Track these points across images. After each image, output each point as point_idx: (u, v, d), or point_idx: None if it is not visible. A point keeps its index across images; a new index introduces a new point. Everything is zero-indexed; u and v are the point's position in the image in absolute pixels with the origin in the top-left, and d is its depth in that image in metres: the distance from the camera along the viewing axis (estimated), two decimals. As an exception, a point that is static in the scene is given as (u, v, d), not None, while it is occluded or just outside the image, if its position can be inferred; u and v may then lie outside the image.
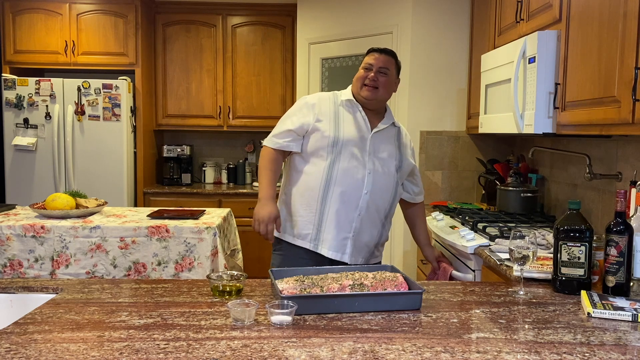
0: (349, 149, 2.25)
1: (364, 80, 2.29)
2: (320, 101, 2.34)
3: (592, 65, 2.03)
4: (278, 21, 5.05)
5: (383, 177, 2.30)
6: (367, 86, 2.29)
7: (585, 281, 1.69)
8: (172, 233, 2.96)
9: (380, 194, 2.29)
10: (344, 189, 2.23)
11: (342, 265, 2.17)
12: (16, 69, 4.76)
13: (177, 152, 5.12)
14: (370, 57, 2.34)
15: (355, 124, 2.30)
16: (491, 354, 1.23)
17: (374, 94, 2.29)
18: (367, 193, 2.25)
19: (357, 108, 2.32)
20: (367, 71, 2.30)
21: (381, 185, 2.29)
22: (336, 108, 2.32)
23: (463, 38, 3.81)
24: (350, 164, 2.24)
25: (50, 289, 1.70)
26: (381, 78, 2.29)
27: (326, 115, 2.29)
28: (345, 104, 2.33)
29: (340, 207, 2.24)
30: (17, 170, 4.59)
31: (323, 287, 1.54)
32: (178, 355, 1.19)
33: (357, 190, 2.24)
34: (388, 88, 2.33)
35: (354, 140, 2.26)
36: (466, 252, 2.51)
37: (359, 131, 2.29)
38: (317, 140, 2.26)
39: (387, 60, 2.33)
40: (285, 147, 2.30)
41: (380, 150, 2.31)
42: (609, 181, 2.49)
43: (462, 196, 3.90)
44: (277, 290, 1.52)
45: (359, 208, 2.25)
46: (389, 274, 1.61)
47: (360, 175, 2.25)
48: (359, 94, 2.31)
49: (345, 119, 2.30)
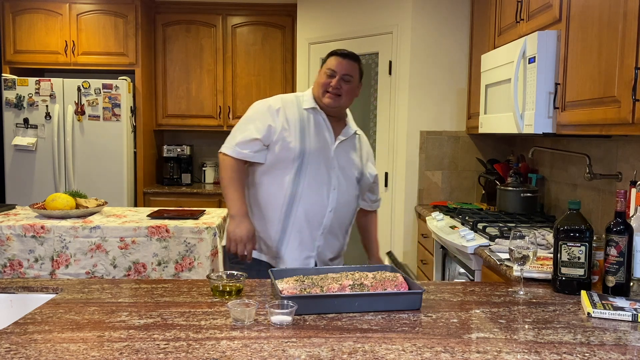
0: (314, 162, 2.12)
1: (326, 87, 2.16)
2: (285, 105, 2.18)
3: (592, 65, 2.03)
4: (278, 21, 5.05)
5: (347, 192, 2.20)
6: (329, 93, 2.16)
7: (585, 281, 1.69)
8: (172, 233, 2.96)
9: (344, 209, 2.20)
10: (309, 207, 2.12)
11: (342, 266, 2.16)
12: (16, 69, 4.76)
13: (177, 152, 5.12)
14: (333, 61, 2.19)
15: (320, 135, 2.17)
16: (491, 354, 1.23)
17: (336, 102, 2.16)
18: (331, 211, 2.15)
19: (322, 116, 2.20)
20: (329, 78, 2.17)
21: (345, 200, 2.19)
22: (301, 114, 2.18)
23: (463, 38, 3.81)
24: (316, 180, 2.12)
25: (50, 289, 1.70)
26: (344, 86, 2.17)
27: (292, 123, 2.14)
28: (309, 111, 2.20)
29: (303, 226, 2.12)
30: (17, 170, 4.59)
31: (323, 287, 1.54)
32: (178, 355, 1.19)
33: (322, 208, 2.13)
34: (351, 95, 2.20)
35: (319, 153, 2.14)
36: (466, 252, 2.51)
37: (324, 143, 2.16)
38: (280, 151, 2.12)
39: (351, 66, 2.19)
40: (250, 158, 2.14)
41: (344, 162, 2.21)
42: (609, 181, 2.49)
43: (462, 196, 3.90)
44: (277, 290, 1.52)
45: (322, 226, 2.15)
46: (389, 274, 1.61)
47: (325, 192, 2.14)
48: (321, 100, 2.18)
49: (311, 128, 2.16)
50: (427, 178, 3.86)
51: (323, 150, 2.16)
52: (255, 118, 2.16)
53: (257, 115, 2.18)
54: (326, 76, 2.18)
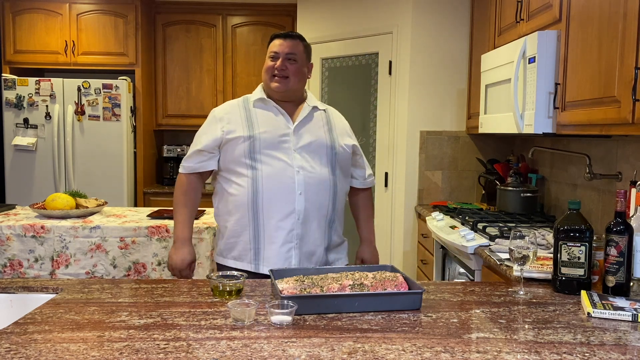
0: (269, 150, 2.06)
1: (272, 71, 2.11)
2: (228, 110, 2.16)
3: (592, 65, 2.03)
4: (278, 21, 5.05)
5: (316, 171, 2.09)
6: (275, 77, 2.11)
7: (585, 281, 1.69)
8: (172, 233, 2.95)
9: (317, 190, 2.08)
10: (274, 196, 2.04)
11: (343, 266, 2.15)
12: (16, 69, 4.76)
13: (177, 152, 5.12)
14: (274, 44, 2.14)
15: (272, 123, 2.10)
16: (491, 354, 1.23)
17: (284, 84, 2.10)
18: (301, 193, 2.05)
19: (272, 104, 2.14)
20: (273, 60, 2.12)
21: (315, 180, 2.08)
22: (247, 112, 2.13)
23: (463, 38, 3.81)
24: (275, 167, 2.05)
25: (50, 289, 1.70)
26: (290, 66, 2.10)
27: (237, 123, 2.10)
28: (257, 105, 2.15)
29: (275, 216, 2.04)
30: (17, 170, 4.59)
31: (323, 287, 1.54)
32: (178, 355, 1.19)
33: (289, 193, 2.04)
34: (299, 75, 2.13)
35: (273, 139, 2.07)
36: (466, 252, 2.51)
37: (277, 128, 2.09)
38: (232, 150, 2.07)
39: (294, 44, 2.13)
40: (199, 169, 2.14)
41: (307, 141, 2.11)
42: (609, 181, 2.49)
43: (462, 196, 3.90)
44: (277, 290, 1.52)
45: (296, 212, 2.05)
46: (389, 274, 1.61)
47: (289, 176, 2.05)
48: (269, 87, 2.13)
49: (260, 119, 2.11)
50: (427, 178, 3.86)
51: (278, 135, 2.08)
52: (202, 132, 2.18)
53: (203, 128, 2.19)
54: (270, 60, 2.13)
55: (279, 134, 2.09)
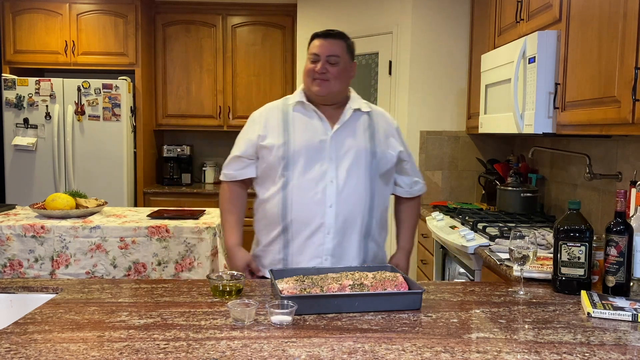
0: (302, 160, 1.94)
1: (312, 74, 1.97)
2: (265, 113, 2.06)
3: (592, 65, 2.03)
4: (278, 21, 5.05)
5: (352, 182, 1.96)
6: (316, 80, 1.97)
7: (585, 281, 1.69)
8: (172, 233, 2.96)
9: (352, 202, 1.95)
10: (303, 209, 1.93)
11: (342, 266, 2.13)
12: (16, 69, 4.76)
13: (177, 152, 5.12)
14: (314, 45, 1.99)
15: (310, 128, 1.98)
16: (491, 354, 1.23)
17: (325, 88, 1.97)
18: (331, 206, 1.93)
19: (311, 108, 2.00)
20: (314, 62, 1.98)
21: (350, 191, 1.95)
22: (285, 115, 2.02)
23: (463, 38, 3.81)
24: (306, 178, 1.93)
25: (50, 289, 1.70)
26: (331, 68, 1.96)
27: (273, 128, 2.00)
28: (296, 108, 2.02)
29: (304, 231, 1.94)
30: (17, 170, 4.59)
31: (323, 287, 1.54)
32: (178, 355, 1.19)
33: (319, 206, 1.92)
34: (342, 77, 1.99)
35: (308, 147, 1.95)
36: (466, 252, 2.51)
37: (314, 135, 1.97)
38: (266, 158, 1.99)
39: (335, 45, 1.98)
40: (239, 177, 2.07)
41: (346, 148, 1.98)
42: (609, 181, 2.49)
43: (462, 196, 3.90)
44: (277, 290, 1.52)
45: (326, 227, 1.93)
46: (389, 274, 1.61)
47: (320, 188, 1.93)
48: (310, 90, 2.00)
49: (297, 125, 1.99)
50: (427, 178, 3.85)
51: (314, 143, 1.96)
52: (240, 137, 2.12)
53: (241, 133, 2.12)
54: (310, 62, 2.00)
55: (315, 140, 1.97)
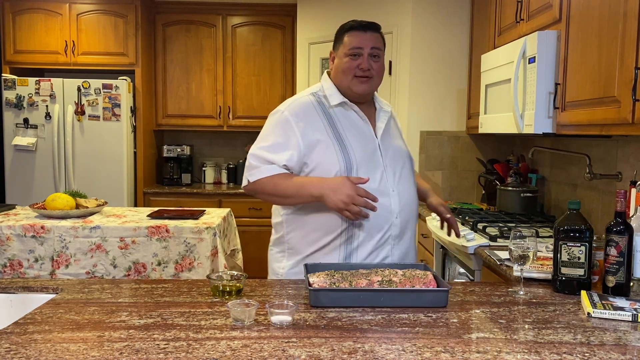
0: (363, 172, 1.74)
1: (355, 72, 1.78)
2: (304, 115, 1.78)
3: (592, 65, 2.03)
4: (278, 21, 5.05)
5: (407, 186, 1.83)
6: (360, 78, 1.78)
7: (585, 281, 1.69)
8: (172, 233, 2.96)
9: (410, 207, 1.84)
10: (370, 226, 1.75)
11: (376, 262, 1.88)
12: (16, 69, 4.76)
13: (177, 152, 5.12)
14: (355, 37, 1.79)
15: (360, 134, 1.79)
16: (491, 354, 1.23)
17: (370, 86, 1.81)
18: (397, 217, 1.79)
19: (353, 108, 1.83)
20: (355, 58, 1.78)
21: (408, 196, 1.83)
22: (329, 118, 1.79)
23: (463, 38, 3.81)
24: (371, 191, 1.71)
25: (50, 289, 1.70)
26: (375, 64, 1.80)
27: (322, 135, 1.75)
28: (337, 110, 1.82)
29: (368, 248, 1.79)
30: (17, 170, 4.59)
31: (352, 282, 1.56)
32: (178, 355, 1.19)
33: (386, 220, 1.76)
34: (382, 74, 1.86)
35: (366, 158, 1.77)
36: (466, 252, 2.51)
37: (366, 142, 1.79)
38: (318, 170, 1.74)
39: (377, 38, 1.82)
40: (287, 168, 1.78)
41: (392, 152, 1.84)
42: (609, 181, 2.49)
43: (462, 196, 3.90)
44: (307, 283, 1.55)
45: (392, 238, 1.80)
46: (419, 272, 1.62)
47: (386, 201, 1.76)
48: (351, 89, 1.80)
49: (347, 131, 1.77)
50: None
51: (369, 152, 1.78)
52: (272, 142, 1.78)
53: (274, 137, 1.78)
54: (350, 58, 1.79)
55: (369, 148, 1.79)
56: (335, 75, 1.85)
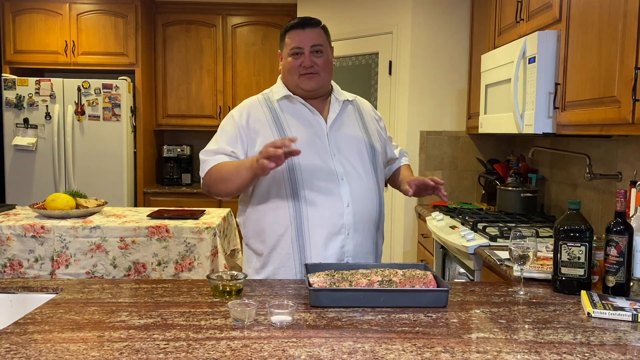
0: (307, 158, 1.77)
1: (298, 70, 1.81)
2: (248, 110, 1.86)
3: (592, 65, 2.03)
4: (278, 21, 5.05)
5: (360, 174, 1.84)
6: (305, 75, 1.82)
7: (585, 281, 1.69)
8: (172, 233, 2.96)
9: (365, 196, 1.84)
10: (320, 213, 1.78)
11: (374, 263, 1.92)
12: (16, 69, 4.76)
13: (177, 152, 5.12)
14: (295, 37, 1.82)
15: (304, 124, 1.83)
16: (491, 354, 1.23)
17: (316, 82, 1.83)
18: (349, 205, 1.80)
19: (299, 101, 1.87)
20: (297, 57, 1.82)
21: (361, 185, 1.84)
22: (273, 111, 1.86)
23: (463, 38, 3.81)
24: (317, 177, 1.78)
25: (50, 289, 1.70)
26: (318, 59, 1.82)
27: (263, 126, 1.82)
28: (282, 104, 1.87)
29: (320, 236, 1.79)
30: (17, 170, 4.59)
31: (352, 282, 1.57)
32: (178, 355, 1.19)
33: (336, 207, 1.79)
34: (329, 67, 1.86)
35: (309, 144, 1.80)
36: (466, 252, 2.51)
37: (310, 130, 1.83)
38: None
39: (317, 34, 1.83)
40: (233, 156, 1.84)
41: (344, 141, 1.85)
42: (609, 181, 2.49)
43: (462, 196, 3.90)
44: (307, 283, 1.55)
45: (345, 227, 1.80)
46: (420, 272, 1.62)
47: (334, 188, 1.79)
48: (300, 87, 1.84)
49: (290, 122, 1.83)
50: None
51: (313, 139, 1.82)
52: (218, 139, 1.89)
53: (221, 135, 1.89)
54: (293, 58, 1.83)
55: (314, 136, 1.83)
56: (284, 75, 1.90)
